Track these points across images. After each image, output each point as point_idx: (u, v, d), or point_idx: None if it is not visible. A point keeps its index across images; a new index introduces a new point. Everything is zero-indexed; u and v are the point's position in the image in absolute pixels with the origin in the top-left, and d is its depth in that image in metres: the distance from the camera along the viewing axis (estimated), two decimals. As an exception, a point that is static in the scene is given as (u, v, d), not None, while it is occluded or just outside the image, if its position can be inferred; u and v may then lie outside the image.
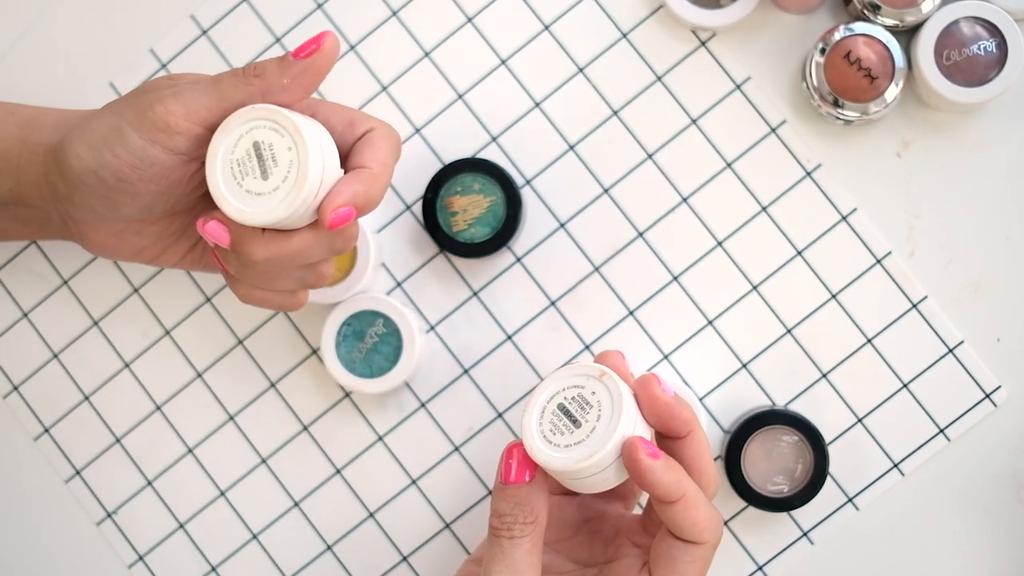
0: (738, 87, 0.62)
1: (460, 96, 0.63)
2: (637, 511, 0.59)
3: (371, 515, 0.64)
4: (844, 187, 0.62)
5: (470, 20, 0.63)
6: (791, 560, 0.62)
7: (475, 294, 0.63)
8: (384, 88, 0.64)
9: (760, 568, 0.62)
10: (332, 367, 0.61)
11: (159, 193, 0.52)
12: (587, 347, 0.63)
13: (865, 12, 0.60)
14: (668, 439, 0.51)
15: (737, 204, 0.62)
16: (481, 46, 0.63)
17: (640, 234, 0.63)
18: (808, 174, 0.62)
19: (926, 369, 0.61)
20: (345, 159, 0.52)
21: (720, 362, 0.62)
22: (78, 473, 0.65)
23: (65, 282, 0.65)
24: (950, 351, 0.61)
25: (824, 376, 0.62)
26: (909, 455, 0.61)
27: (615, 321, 0.63)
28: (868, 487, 0.62)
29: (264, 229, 0.51)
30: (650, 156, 0.63)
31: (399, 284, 0.64)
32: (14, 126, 0.55)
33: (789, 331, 0.62)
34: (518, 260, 0.63)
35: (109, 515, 0.65)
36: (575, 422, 0.49)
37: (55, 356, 0.65)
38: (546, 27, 0.63)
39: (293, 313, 0.64)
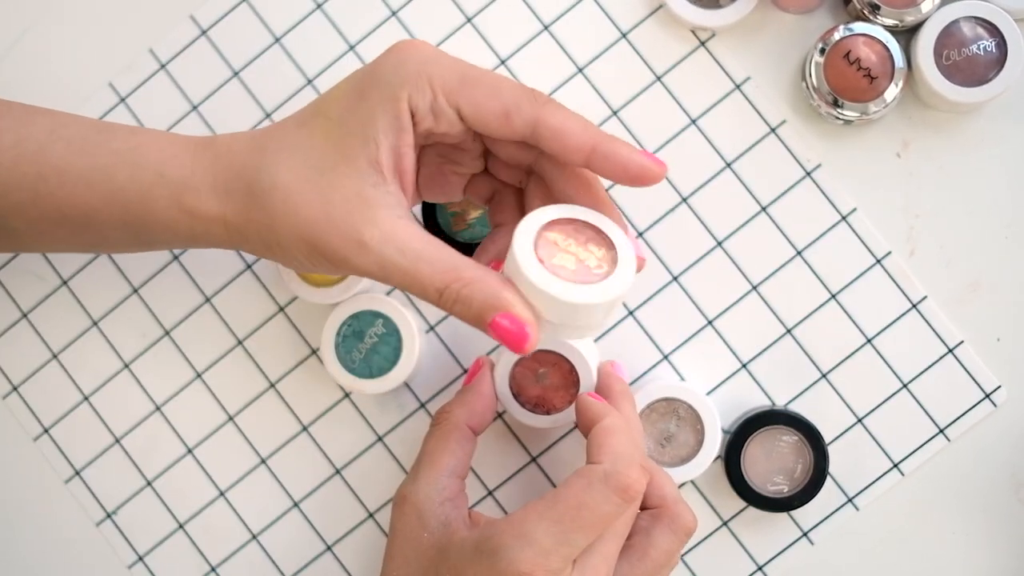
0: (738, 87, 0.62)
1: (460, 96, 0.63)
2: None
3: (371, 515, 0.64)
4: (844, 187, 0.62)
5: (470, 20, 0.63)
6: (791, 560, 0.62)
7: (475, 294, 0.63)
8: (384, 88, 0.64)
9: (760, 568, 0.62)
10: (332, 367, 0.61)
11: None
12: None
13: (865, 12, 0.60)
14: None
15: (737, 204, 0.62)
16: (481, 46, 0.63)
17: (640, 234, 0.63)
18: (808, 174, 0.62)
19: (926, 369, 0.61)
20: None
21: (720, 362, 0.62)
22: (78, 473, 0.65)
23: (65, 282, 0.65)
24: (950, 351, 0.61)
25: (824, 376, 0.62)
26: (909, 455, 0.61)
27: (615, 321, 0.63)
28: (868, 487, 0.62)
29: None
30: (650, 156, 0.63)
31: (399, 284, 0.64)
32: (165, 195, 0.52)
33: (789, 331, 0.62)
34: (518, 260, 0.63)
35: (109, 515, 0.65)
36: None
37: (55, 356, 0.65)
38: (546, 27, 0.63)
39: (293, 313, 0.64)
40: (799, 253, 0.62)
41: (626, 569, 0.52)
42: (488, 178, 0.56)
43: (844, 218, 0.62)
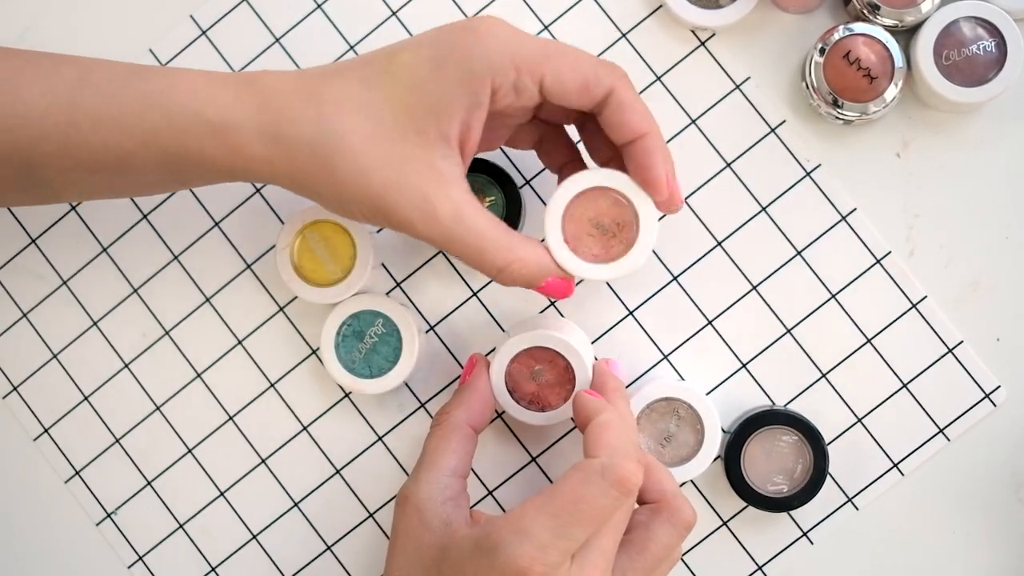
0: (738, 87, 0.62)
1: (460, 96, 0.63)
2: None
3: (371, 515, 0.64)
4: (844, 187, 0.62)
5: (470, 20, 0.63)
6: (791, 560, 0.62)
7: (475, 294, 0.63)
8: (384, 88, 0.64)
9: (760, 568, 0.62)
10: (332, 367, 0.61)
11: None
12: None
13: (865, 12, 0.60)
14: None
15: (737, 204, 0.62)
16: (481, 46, 0.63)
17: (640, 234, 0.63)
18: (808, 174, 0.62)
19: (926, 369, 0.61)
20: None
21: (720, 362, 0.62)
22: (78, 473, 0.65)
23: (65, 282, 0.65)
24: (950, 351, 0.61)
25: (824, 376, 0.62)
26: (909, 455, 0.62)
27: (615, 321, 0.63)
28: (868, 487, 0.62)
29: None
30: (650, 156, 0.63)
31: (399, 284, 0.64)
32: (204, 135, 0.52)
33: (789, 331, 0.62)
34: (518, 260, 0.63)
35: (109, 515, 0.65)
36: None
37: (55, 356, 0.65)
38: (545, 27, 0.63)
39: (293, 313, 0.64)
40: (799, 253, 0.62)
41: (625, 563, 0.52)
42: (535, 125, 0.57)
43: (844, 218, 0.62)
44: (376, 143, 0.50)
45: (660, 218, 0.55)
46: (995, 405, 0.61)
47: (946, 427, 0.61)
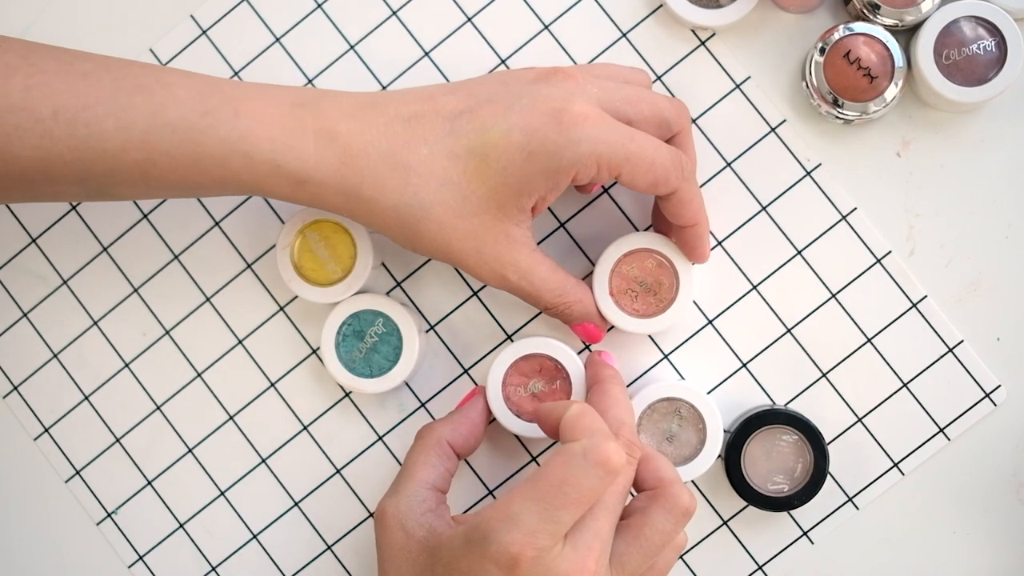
0: (738, 87, 0.62)
1: (460, 96, 0.63)
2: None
3: (371, 515, 0.64)
4: (844, 186, 0.62)
5: (470, 20, 0.63)
6: (791, 559, 0.62)
7: (475, 294, 0.63)
8: (384, 87, 0.64)
9: (760, 568, 0.62)
10: (332, 367, 0.61)
11: None
12: (587, 346, 0.63)
13: (865, 12, 0.60)
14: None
15: (737, 203, 0.62)
16: (481, 45, 0.63)
17: (640, 234, 0.63)
18: (808, 173, 0.62)
19: (926, 368, 0.61)
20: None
21: (720, 362, 0.62)
22: (78, 473, 0.65)
23: (65, 282, 0.65)
24: (950, 350, 0.61)
25: (824, 375, 0.62)
26: (909, 454, 0.62)
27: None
28: (868, 486, 0.62)
29: None
30: (650, 156, 0.63)
31: (399, 284, 0.64)
32: (283, 184, 0.55)
33: (789, 330, 0.62)
34: (518, 260, 0.63)
35: (109, 515, 0.65)
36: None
37: (55, 356, 0.65)
38: (546, 27, 0.63)
39: (293, 313, 0.64)
40: (799, 253, 0.62)
41: (621, 547, 0.52)
42: None
43: (844, 217, 0.62)
44: (461, 217, 0.55)
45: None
46: (995, 405, 0.61)
47: (946, 427, 0.61)
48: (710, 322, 0.62)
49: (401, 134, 0.54)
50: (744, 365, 0.62)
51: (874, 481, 0.62)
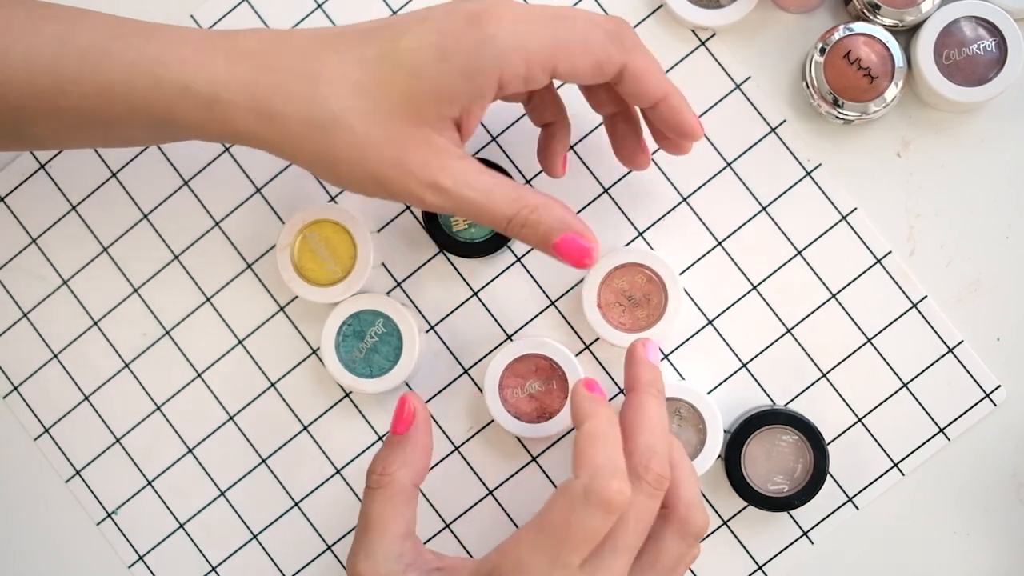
0: (738, 87, 0.62)
1: (460, 96, 0.63)
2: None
3: (371, 515, 0.64)
4: (844, 187, 0.62)
5: (470, 20, 0.63)
6: (791, 560, 0.62)
7: (475, 294, 0.63)
8: (384, 88, 0.64)
9: (760, 568, 0.62)
10: (332, 367, 0.61)
11: None
12: (587, 347, 0.63)
13: (865, 12, 0.60)
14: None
15: (737, 203, 0.62)
16: (481, 46, 0.63)
17: (640, 233, 0.63)
18: (808, 173, 0.62)
19: (926, 368, 0.61)
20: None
21: (720, 362, 0.62)
22: (78, 473, 0.65)
23: (65, 282, 0.65)
24: (950, 351, 0.61)
25: (824, 375, 0.62)
26: (909, 454, 0.62)
27: (615, 321, 0.63)
28: (868, 486, 0.62)
29: None
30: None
31: (399, 284, 0.64)
32: (194, 107, 0.51)
33: (789, 331, 0.62)
34: (518, 260, 0.63)
35: (109, 515, 0.65)
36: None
37: (55, 356, 0.65)
38: (546, 27, 0.63)
39: (293, 313, 0.64)
40: (799, 253, 0.62)
41: (637, 574, 0.51)
42: None
43: (844, 218, 0.62)
44: (374, 123, 0.50)
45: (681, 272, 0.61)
46: (995, 405, 0.61)
47: (946, 427, 0.61)
48: (710, 322, 0.62)
49: (316, 50, 0.52)
50: (744, 365, 0.62)
51: (874, 481, 0.62)
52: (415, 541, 0.54)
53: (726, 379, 0.62)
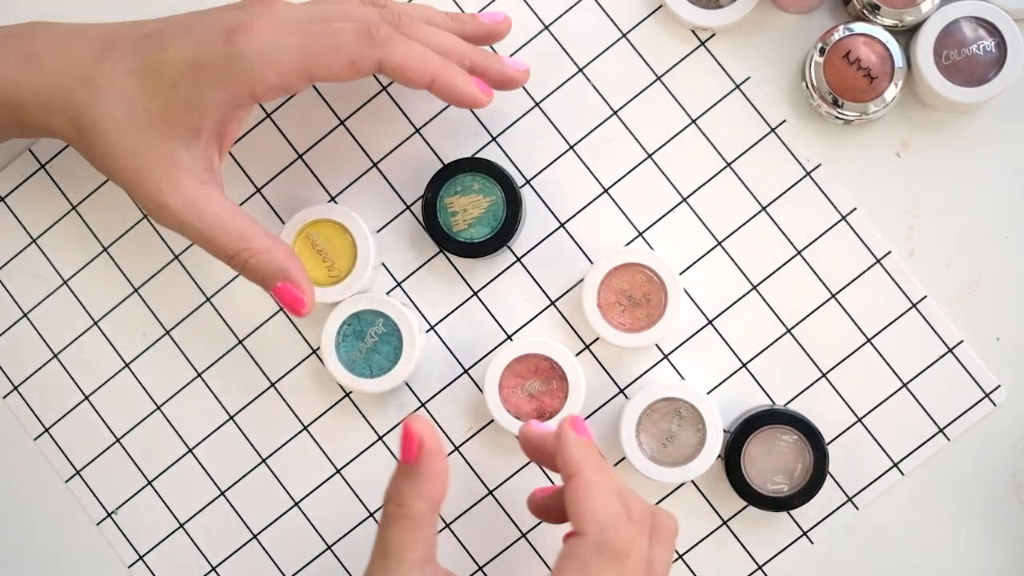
0: (738, 87, 0.62)
1: (460, 96, 0.63)
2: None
3: (371, 515, 0.64)
4: (844, 187, 0.62)
5: (470, 20, 0.63)
6: (791, 559, 0.62)
7: (475, 294, 0.63)
8: (384, 88, 0.64)
9: (760, 568, 0.62)
10: (332, 367, 0.61)
11: None
12: (587, 347, 0.63)
13: (864, 12, 0.60)
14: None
15: (737, 203, 0.62)
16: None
17: (640, 233, 0.63)
18: (808, 174, 0.62)
19: (925, 368, 0.61)
20: None
21: (720, 361, 0.62)
22: (78, 473, 0.65)
23: (65, 282, 0.65)
24: (949, 350, 0.61)
25: (824, 375, 0.62)
26: (909, 454, 0.62)
27: (615, 321, 0.63)
28: (868, 486, 0.62)
29: None
30: (650, 156, 0.63)
31: (399, 284, 0.64)
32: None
33: (789, 331, 0.62)
34: (518, 260, 0.63)
35: (109, 515, 0.65)
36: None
37: (55, 356, 0.65)
38: (546, 27, 0.63)
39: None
40: (799, 253, 0.62)
41: None
42: None
43: (844, 218, 0.62)
44: (125, 132, 0.54)
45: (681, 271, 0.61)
46: (995, 405, 0.61)
47: (946, 427, 0.61)
48: (710, 322, 0.62)
49: (95, 53, 0.55)
50: (744, 365, 0.62)
51: (874, 481, 0.62)
52: (435, 566, 0.52)
53: (726, 379, 0.62)
